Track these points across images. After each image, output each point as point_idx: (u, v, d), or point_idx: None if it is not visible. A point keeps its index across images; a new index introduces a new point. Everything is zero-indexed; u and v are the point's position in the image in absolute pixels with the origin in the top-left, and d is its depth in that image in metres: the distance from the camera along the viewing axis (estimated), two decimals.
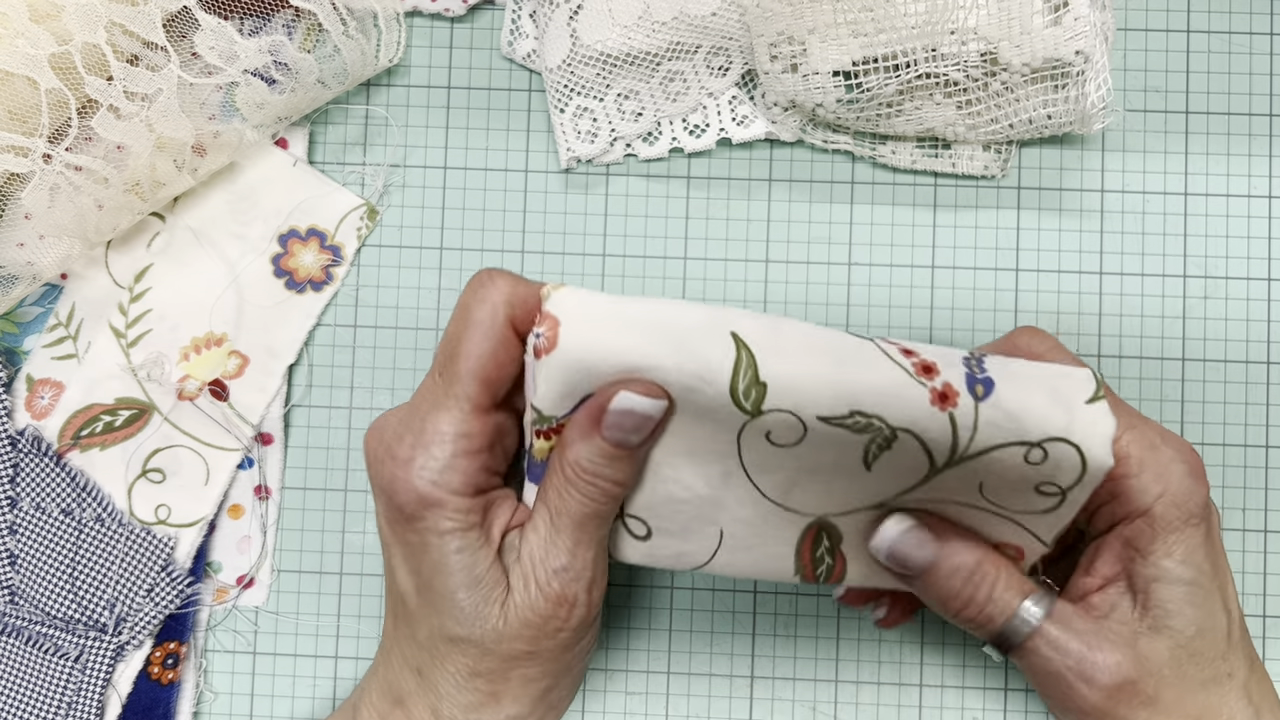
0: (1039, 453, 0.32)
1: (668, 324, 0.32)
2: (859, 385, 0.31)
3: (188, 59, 0.41)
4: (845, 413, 0.31)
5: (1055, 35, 0.39)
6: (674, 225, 0.44)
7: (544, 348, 0.31)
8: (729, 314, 0.32)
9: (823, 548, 0.35)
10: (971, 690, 0.42)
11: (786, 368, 0.31)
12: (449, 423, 0.32)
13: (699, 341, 0.31)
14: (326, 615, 0.43)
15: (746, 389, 0.31)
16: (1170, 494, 0.33)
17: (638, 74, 0.42)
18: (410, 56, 0.44)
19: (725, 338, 0.31)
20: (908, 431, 0.31)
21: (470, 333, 0.33)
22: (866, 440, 0.32)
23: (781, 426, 0.32)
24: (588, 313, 0.32)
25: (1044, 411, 0.31)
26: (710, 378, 0.31)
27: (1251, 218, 0.43)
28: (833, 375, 0.31)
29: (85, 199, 0.40)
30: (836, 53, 0.40)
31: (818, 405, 0.31)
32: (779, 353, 0.31)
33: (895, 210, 0.43)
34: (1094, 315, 0.43)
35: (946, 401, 0.31)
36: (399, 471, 0.33)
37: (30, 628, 0.42)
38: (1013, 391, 0.32)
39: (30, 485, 0.42)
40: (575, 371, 0.32)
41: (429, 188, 0.44)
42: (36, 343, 0.43)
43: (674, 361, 0.31)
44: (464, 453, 0.33)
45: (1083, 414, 0.32)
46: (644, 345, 0.31)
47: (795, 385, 0.31)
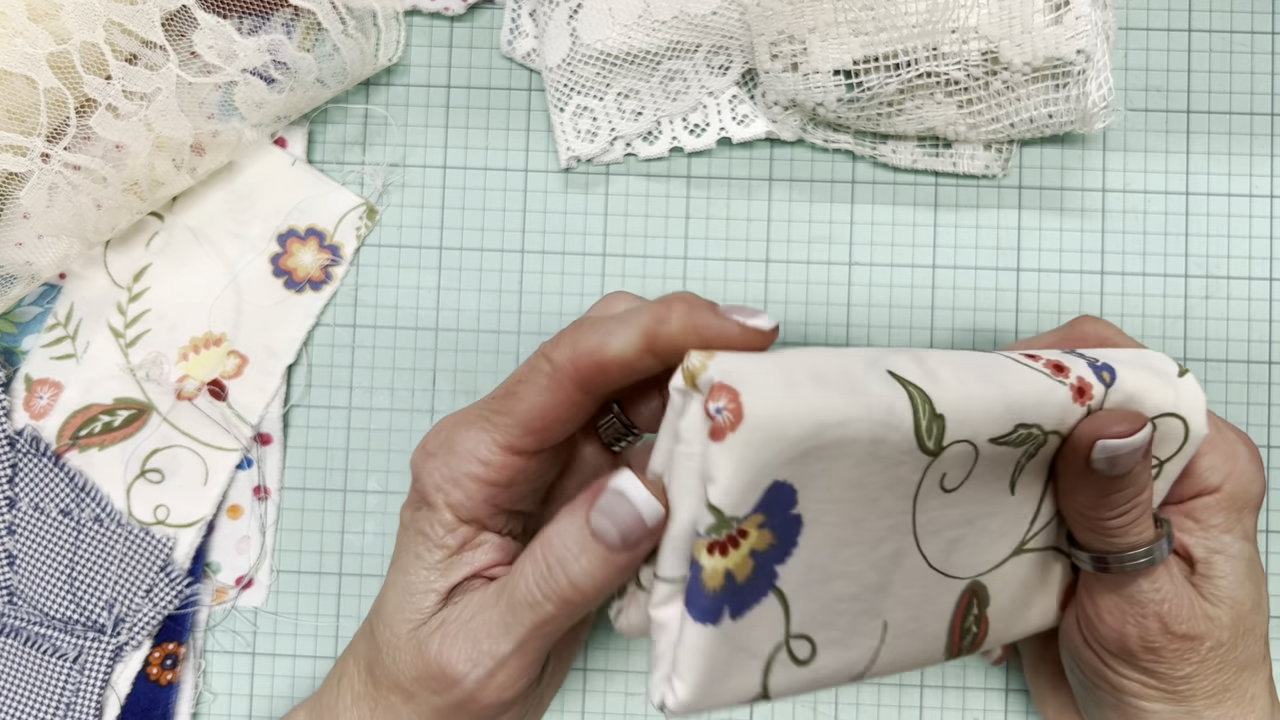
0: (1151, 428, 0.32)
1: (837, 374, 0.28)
2: (1018, 396, 0.30)
3: (186, 58, 0.41)
4: (1011, 428, 0.30)
5: (1056, 34, 0.39)
6: (674, 225, 0.44)
7: (728, 424, 0.26)
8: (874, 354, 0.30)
9: (971, 616, 0.34)
10: (972, 690, 0.42)
11: (956, 394, 0.29)
12: (475, 444, 0.31)
13: (870, 385, 0.28)
14: (326, 616, 0.43)
15: (928, 425, 0.29)
16: (1237, 474, 0.34)
17: (638, 73, 0.42)
18: (410, 55, 0.44)
19: (887, 378, 0.29)
20: (1058, 433, 0.32)
21: (530, 378, 0.31)
22: (1021, 453, 0.31)
23: (956, 463, 0.30)
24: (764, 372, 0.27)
25: (1157, 389, 0.33)
26: (895, 421, 0.28)
27: (1253, 217, 0.43)
28: (996, 392, 0.30)
29: (84, 198, 0.40)
30: (837, 51, 0.40)
31: (989, 426, 0.30)
32: (941, 383, 0.29)
33: (896, 210, 0.43)
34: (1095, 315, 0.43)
35: (1084, 396, 0.32)
36: (419, 460, 0.32)
37: (29, 628, 0.42)
38: (1130, 374, 0.33)
39: (29, 485, 0.42)
40: (766, 446, 0.27)
41: (428, 187, 0.44)
42: (35, 342, 0.43)
43: (863, 410, 0.28)
44: (475, 477, 0.31)
45: (1183, 386, 0.33)
46: (830, 399, 0.28)
47: (969, 412, 0.29)
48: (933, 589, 0.32)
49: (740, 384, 0.27)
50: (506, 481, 0.32)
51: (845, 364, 0.28)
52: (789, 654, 0.30)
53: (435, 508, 0.32)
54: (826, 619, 0.30)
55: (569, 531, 0.29)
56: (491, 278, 0.44)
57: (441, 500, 0.32)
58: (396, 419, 0.43)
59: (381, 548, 0.43)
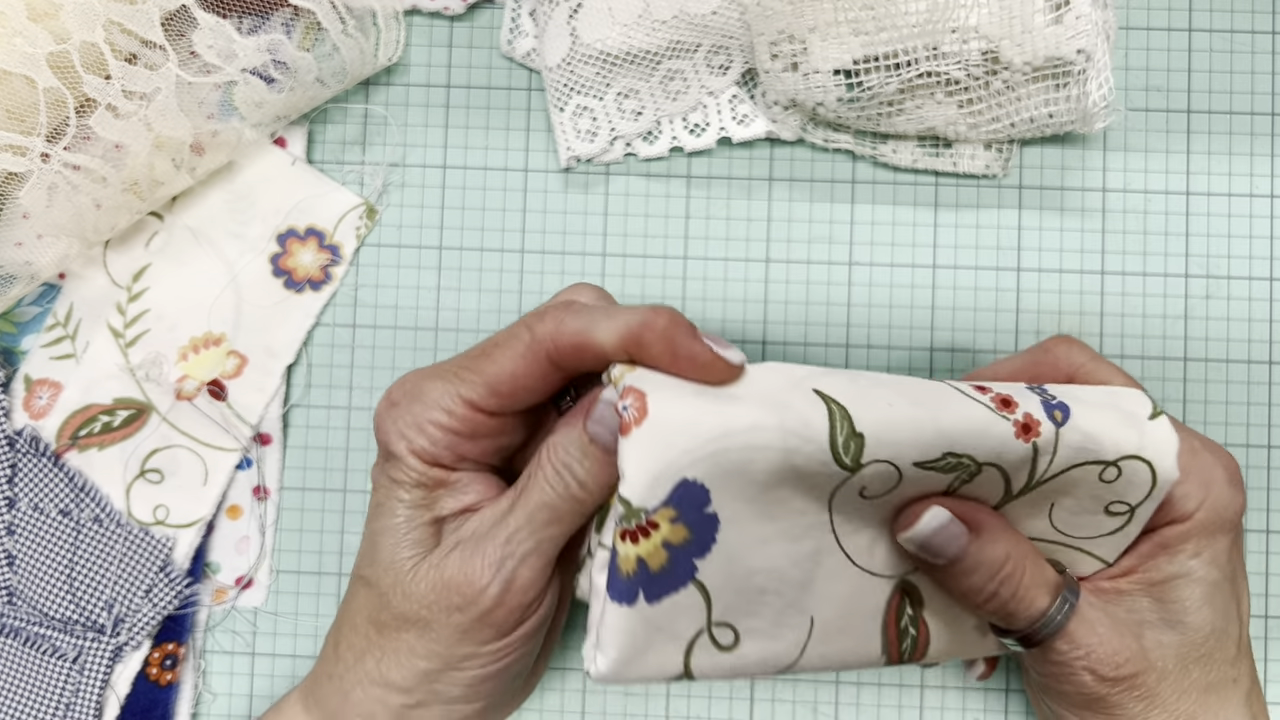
0: (1113, 471, 0.32)
1: (754, 388, 0.30)
2: (950, 426, 0.31)
3: (186, 57, 0.41)
4: (939, 455, 0.31)
5: (1057, 34, 0.39)
6: (674, 225, 0.44)
7: (633, 420, 0.29)
8: (806, 372, 0.31)
9: (906, 618, 0.34)
10: (972, 690, 0.42)
11: (878, 418, 0.30)
12: (439, 394, 0.33)
13: (790, 400, 0.30)
14: (325, 616, 0.43)
15: (845, 442, 0.30)
16: (1210, 501, 0.34)
17: (637, 73, 0.42)
18: (409, 55, 0.44)
19: (811, 395, 0.30)
20: (993, 465, 0.32)
21: (504, 349, 0.33)
22: (952, 478, 0.32)
23: (877, 479, 0.31)
24: (673, 385, 0.30)
25: (1118, 431, 0.32)
26: (809, 434, 0.30)
27: (1253, 217, 0.43)
28: (926, 419, 0.31)
29: (83, 198, 0.40)
30: (837, 51, 0.40)
31: (915, 451, 0.31)
32: (868, 404, 0.30)
33: (896, 209, 0.43)
34: (1095, 315, 0.43)
35: (1029, 433, 0.31)
36: (383, 412, 0.34)
37: (28, 628, 0.42)
38: (1088, 415, 0.32)
39: (28, 485, 0.42)
40: (670, 444, 0.29)
41: (428, 187, 0.44)
42: (34, 342, 0.43)
43: (774, 420, 0.30)
44: (437, 424, 0.33)
45: (1150, 430, 0.32)
46: (739, 409, 0.30)
47: (891, 435, 0.30)
48: (860, 586, 0.33)
49: (649, 388, 0.29)
50: (469, 433, 0.33)
51: (769, 380, 0.31)
52: (711, 639, 0.32)
53: (399, 455, 0.33)
54: (750, 609, 0.32)
55: (570, 439, 0.32)
56: (491, 278, 0.44)
57: (404, 447, 0.33)
58: None
59: None
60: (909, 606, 0.34)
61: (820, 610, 0.33)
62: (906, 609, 0.34)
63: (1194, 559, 0.34)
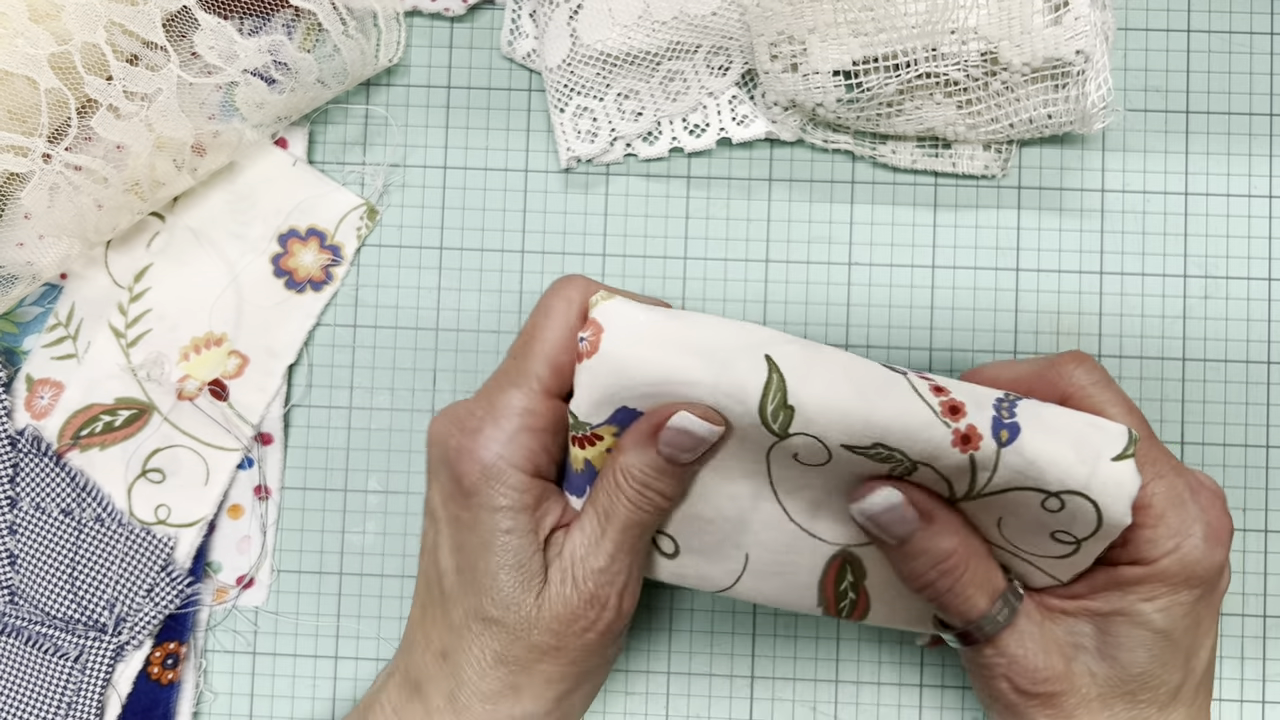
0: (1056, 502, 0.32)
1: (707, 342, 0.32)
2: (884, 420, 0.31)
3: (187, 58, 0.41)
4: (869, 444, 0.32)
5: (1055, 35, 0.39)
6: (674, 225, 0.44)
7: (586, 351, 0.33)
8: (769, 336, 0.33)
9: (846, 582, 0.35)
10: (971, 690, 0.42)
11: (815, 394, 0.31)
12: (519, 398, 0.34)
13: (735, 361, 0.32)
14: (326, 615, 0.43)
15: (774, 411, 0.32)
16: (1180, 553, 0.33)
17: (638, 73, 0.42)
18: (410, 56, 0.44)
19: (759, 360, 0.32)
20: (928, 465, 0.32)
21: (546, 321, 0.34)
22: (889, 468, 0.32)
23: (808, 450, 0.32)
24: (632, 323, 0.33)
25: (1066, 464, 0.31)
26: (741, 397, 0.32)
27: (1252, 217, 0.43)
28: (859, 407, 0.31)
29: (85, 199, 0.40)
30: (837, 52, 0.40)
31: (843, 435, 0.32)
32: (809, 379, 0.32)
33: (895, 210, 0.43)
34: (1094, 315, 0.43)
35: (968, 444, 0.31)
36: (466, 441, 0.34)
37: (30, 628, 0.42)
38: (1037, 440, 0.31)
39: (30, 485, 0.42)
40: (613, 379, 0.33)
41: (429, 187, 0.44)
42: (36, 342, 0.43)
43: (710, 378, 0.32)
44: (529, 429, 0.34)
45: (1105, 471, 0.31)
46: (682, 360, 0.32)
47: (822, 413, 0.31)
48: (796, 543, 0.35)
49: (608, 325, 0.32)
50: (554, 427, 0.34)
51: (726, 338, 0.32)
52: (654, 543, 0.36)
53: (502, 477, 0.34)
54: (690, 530, 0.35)
55: (645, 461, 0.33)
56: (491, 278, 0.44)
57: (506, 465, 0.34)
58: (397, 419, 0.44)
59: (382, 547, 0.43)
60: (849, 574, 0.35)
61: (755, 551, 0.35)
62: (847, 575, 0.35)
63: (1146, 603, 0.33)
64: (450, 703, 0.35)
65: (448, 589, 0.35)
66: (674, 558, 0.36)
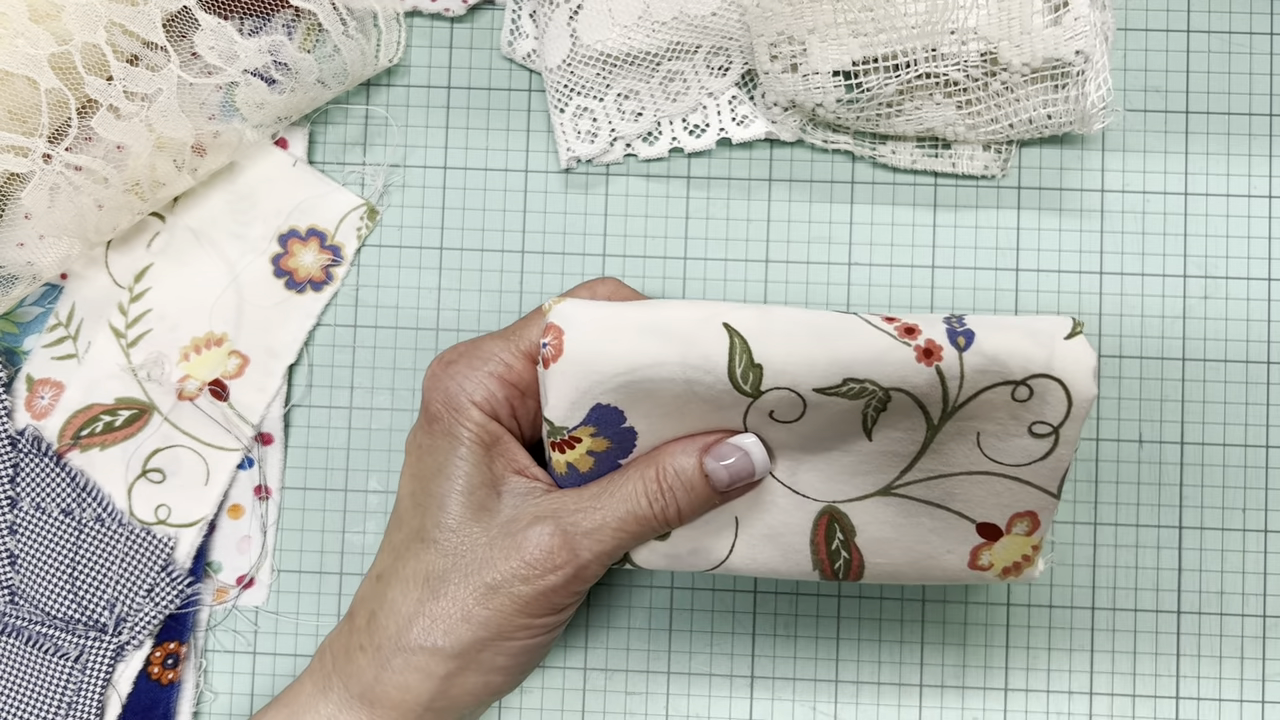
0: (1025, 390, 0.33)
1: (665, 324, 0.33)
2: (848, 354, 0.33)
3: (188, 59, 0.41)
4: (839, 381, 0.33)
5: (1055, 35, 0.39)
6: (674, 225, 0.44)
7: (551, 356, 0.33)
8: (721, 307, 0.34)
9: (837, 541, 0.36)
10: (971, 690, 0.42)
11: (778, 348, 0.33)
12: (500, 349, 0.35)
13: (695, 334, 0.33)
14: (326, 615, 0.43)
15: (744, 372, 0.33)
16: None
17: (638, 74, 0.42)
18: (410, 56, 0.44)
19: (718, 328, 0.33)
20: (900, 390, 0.33)
21: None
22: (863, 405, 0.33)
23: (782, 404, 0.33)
24: (590, 319, 0.33)
25: (1025, 350, 0.33)
26: (709, 366, 0.33)
27: (1251, 218, 0.43)
28: (823, 349, 0.33)
29: (85, 199, 0.40)
30: (836, 52, 0.40)
31: (813, 378, 0.33)
32: (769, 336, 0.33)
33: (895, 210, 0.43)
34: (1094, 315, 0.43)
35: (931, 357, 0.33)
36: (438, 370, 0.35)
37: (30, 628, 0.42)
38: (994, 338, 0.33)
39: (30, 485, 0.42)
40: (583, 377, 0.33)
41: (429, 188, 0.44)
42: (36, 343, 0.43)
43: (676, 356, 0.33)
44: (498, 377, 0.35)
45: (1063, 349, 0.33)
46: (646, 345, 0.33)
47: (789, 363, 0.33)
48: (782, 501, 0.36)
49: (567, 326, 0.33)
50: (525, 387, 0.35)
51: (681, 317, 0.33)
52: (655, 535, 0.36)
53: (460, 408, 0.35)
54: None
55: (686, 467, 0.34)
56: (491, 278, 0.44)
57: (466, 399, 0.34)
58: (397, 419, 0.44)
59: None
60: (839, 531, 0.36)
61: (744, 513, 0.36)
62: (836, 533, 0.36)
63: None
64: (369, 621, 0.35)
65: (401, 514, 0.36)
66: (666, 538, 0.36)
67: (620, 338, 0.33)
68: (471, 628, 0.34)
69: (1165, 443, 0.42)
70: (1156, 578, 0.42)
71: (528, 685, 0.43)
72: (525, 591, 0.34)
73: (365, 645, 0.35)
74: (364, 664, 0.34)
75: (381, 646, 0.34)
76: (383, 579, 0.35)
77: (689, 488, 0.34)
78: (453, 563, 0.34)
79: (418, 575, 0.34)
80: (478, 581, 0.34)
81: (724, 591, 0.43)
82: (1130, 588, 0.42)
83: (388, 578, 0.35)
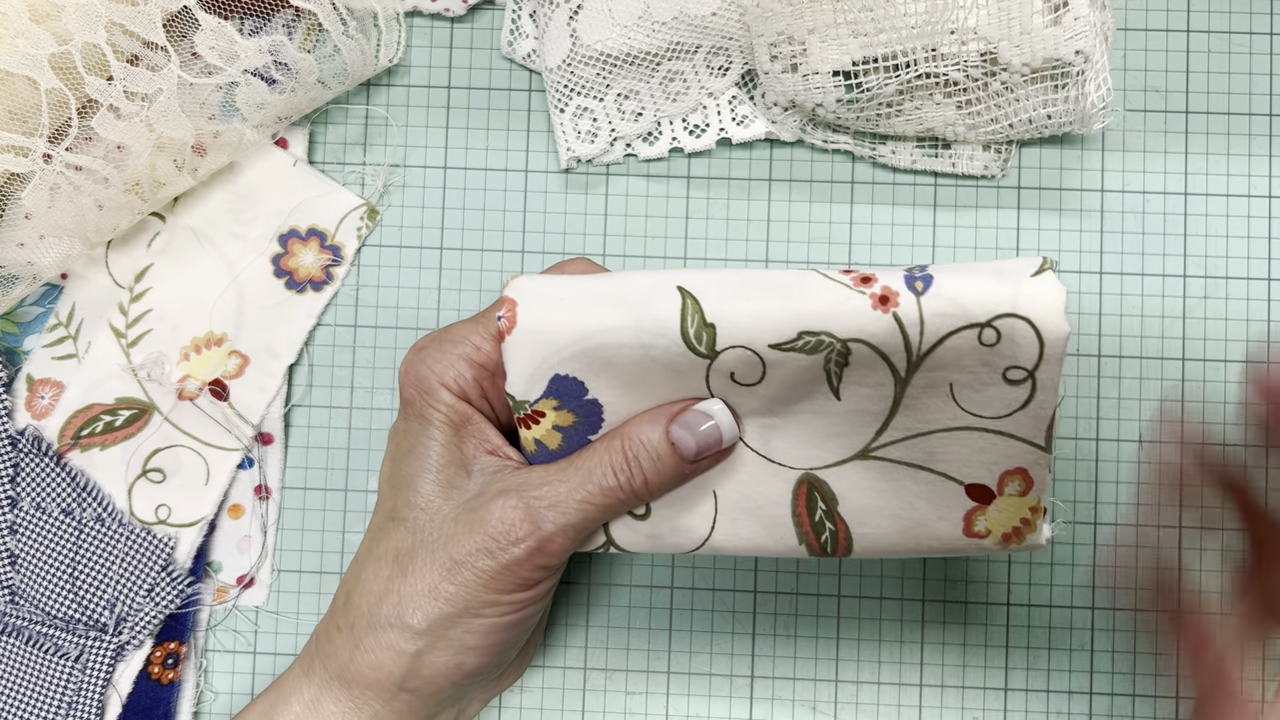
0: (991, 333, 0.32)
1: (619, 291, 0.33)
2: (802, 307, 0.32)
3: (188, 59, 0.41)
4: (794, 335, 0.32)
5: (1055, 35, 0.39)
6: (674, 225, 0.44)
7: (505, 328, 0.33)
8: (675, 273, 0.33)
9: (820, 511, 0.35)
10: (971, 690, 0.42)
11: (730, 306, 0.32)
12: (471, 332, 0.35)
13: (649, 299, 0.33)
14: None
15: (697, 333, 0.32)
16: None
17: (638, 74, 0.42)
18: (410, 56, 0.44)
19: (672, 291, 0.33)
20: (858, 340, 0.32)
21: None
22: (823, 360, 0.33)
23: (741, 364, 0.33)
24: (543, 291, 0.33)
25: (987, 290, 0.32)
26: (662, 329, 0.32)
27: (1251, 218, 0.43)
28: (776, 304, 0.32)
29: (85, 199, 0.40)
30: (836, 53, 0.40)
31: (767, 334, 0.32)
32: (722, 294, 0.32)
33: (895, 210, 0.43)
34: (1094, 315, 0.43)
35: (887, 304, 0.32)
36: (411, 355, 0.35)
37: (30, 627, 0.42)
38: (953, 279, 0.32)
39: (30, 485, 0.42)
40: (538, 347, 0.33)
41: (429, 188, 0.44)
42: (37, 343, 0.43)
43: (629, 320, 0.33)
44: (467, 358, 0.35)
45: (1029, 287, 0.32)
46: (598, 312, 0.33)
47: (742, 320, 0.32)
48: (757, 471, 0.35)
49: (520, 298, 0.33)
50: (495, 367, 0.35)
51: (635, 283, 0.33)
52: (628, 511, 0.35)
53: (430, 390, 0.35)
54: None
55: (651, 436, 0.33)
56: (492, 278, 0.44)
57: (435, 381, 0.35)
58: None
59: None
60: (820, 501, 0.35)
61: (722, 489, 0.35)
62: (818, 504, 0.35)
63: None
64: (346, 601, 0.35)
65: (380, 499, 0.36)
66: (647, 518, 0.35)
67: (573, 305, 0.33)
68: (438, 603, 0.34)
69: (1165, 442, 0.42)
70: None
71: (528, 685, 0.43)
72: (489, 566, 0.33)
73: (341, 625, 0.35)
74: (340, 644, 0.35)
75: (354, 625, 0.34)
76: (358, 560, 0.36)
77: (655, 457, 0.33)
78: (420, 539, 0.34)
79: (388, 554, 0.35)
80: (443, 557, 0.34)
81: (724, 591, 0.43)
82: (1130, 588, 0.42)
83: (362, 559, 0.35)
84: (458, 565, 0.34)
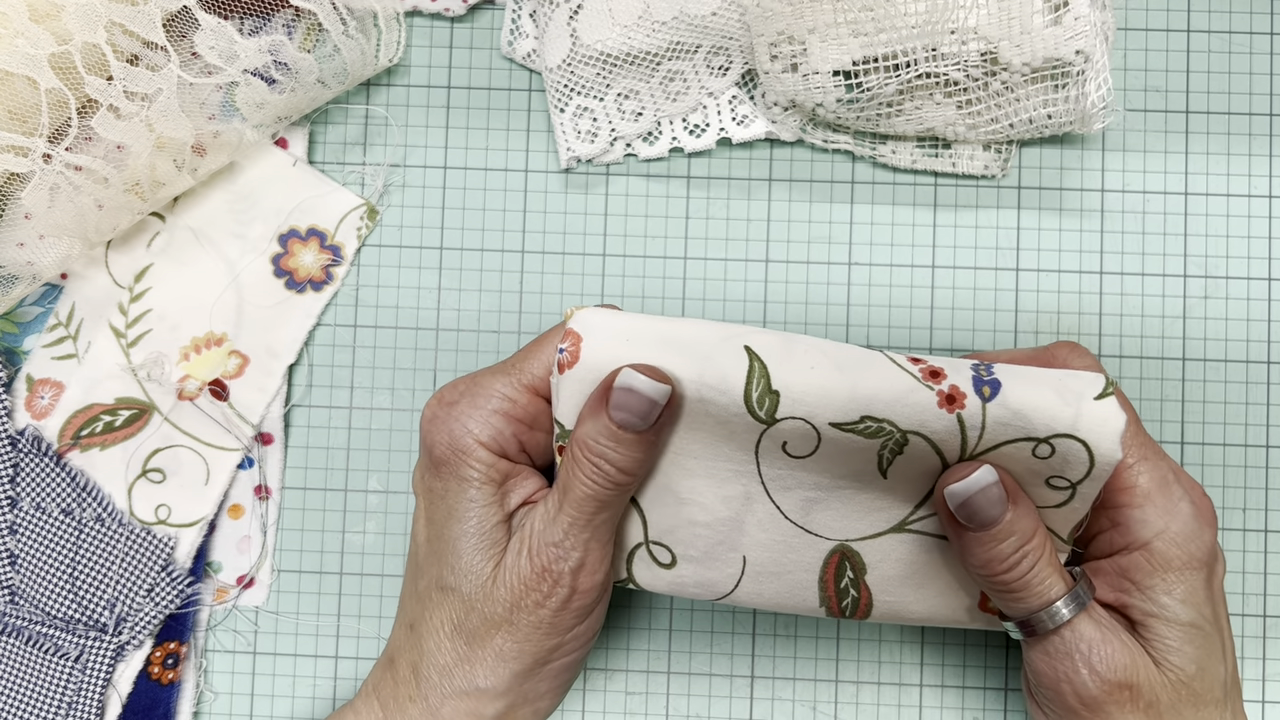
0: (1046, 448, 0.32)
1: (685, 339, 0.33)
2: (869, 391, 0.32)
3: (188, 59, 0.41)
4: (857, 418, 0.32)
5: (1055, 35, 0.39)
6: (674, 225, 0.44)
7: (567, 362, 0.33)
8: (744, 330, 0.33)
9: (846, 579, 0.35)
10: (971, 690, 0.42)
11: (798, 377, 0.32)
12: (502, 384, 0.35)
13: (715, 354, 0.32)
14: (326, 615, 0.43)
15: (760, 397, 0.32)
16: (1172, 532, 0.33)
17: (638, 74, 0.42)
18: (410, 56, 0.44)
19: (739, 351, 0.32)
20: (918, 434, 0.32)
21: (555, 333, 0.35)
22: (879, 445, 0.33)
23: (796, 435, 0.33)
24: (609, 329, 0.33)
25: (1051, 408, 0.32)
26: (725, 387, 0.32)
27: (1251, 217, 0.43)
28: (843, 382, 0.32)
29: (85, 199, 0.40)
30: (837, 52, 0.40)
31: (830, 411, 0.32)
32: (790, 362, 0.32)
33: (895, 210, 0.43)
34: (1094, 315, 0.43)
35: (954, 403, 0.32)
36: (440, 413, 0.35)
37: (30, 628, 0.42)
38: (1019, 390, 0.32)
39: (30, 485, 0.42)
40: (596, 384, 0.33)
41: (429, 188, 0.44)
42: (36, 342, 0.43)
43: (693, 372, 0.32)
44: (503, 413, 0.34)
45: (1090, 410, 0.32)
46: (665, 357, 0.33)
47: (807, 393, 0.32)
48: (794, 540, 0.35)
49: (585, 333, 0.33)
50: (530, 420, 0.35)
51: (703, 334, 0.33)
52: (650, 555, 0.36)
53: (466, 450, 0.34)
54: (684, 538, 0.35)
55: (598, 430, 0.33)
56: (491, 278, 0.44)
57: (472, 440, 0.34)
58: (397, 419, 0.44)
59: (382, 547, 0.43)
60: (849, 570, 0.35)
61: (753, 553, 0.35)
62: (846, 571, 0.35)
63: (1167, 596, 0.33)
64: (414, 673, 0.35)
65: (420, 560, 0.36)
66: (671, 567, 0.36)
67: (638, 347, 0.33)
68: (509, 664, 0.34)
69: (1165, 442, 0.42)
70: None
71: None
72: (544, 615, 0.34)
73: (414, 696, 0.35)
74: (416, 715, 0.35)
75: (429, 697, 0.35)
76: (415, 629, 0.36)
77: (613, 441, 0.33)
78: (473, 607, 0.34)
79: (446, 624, 0.35)
80: (498, 620, 0.34)
81: None
82: None
83: (420, 629, 0.35)
84: (514, 625, 0.34)
